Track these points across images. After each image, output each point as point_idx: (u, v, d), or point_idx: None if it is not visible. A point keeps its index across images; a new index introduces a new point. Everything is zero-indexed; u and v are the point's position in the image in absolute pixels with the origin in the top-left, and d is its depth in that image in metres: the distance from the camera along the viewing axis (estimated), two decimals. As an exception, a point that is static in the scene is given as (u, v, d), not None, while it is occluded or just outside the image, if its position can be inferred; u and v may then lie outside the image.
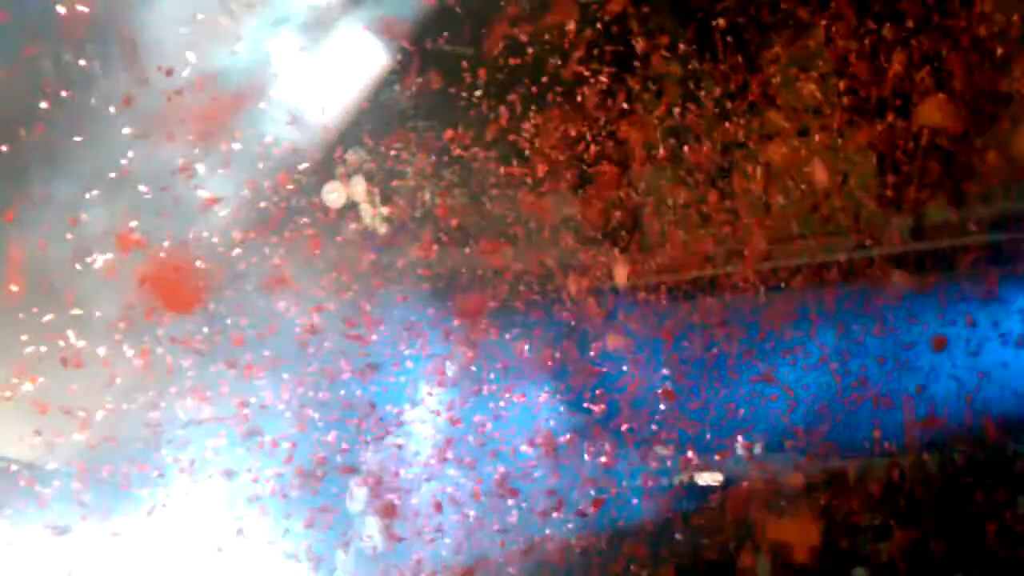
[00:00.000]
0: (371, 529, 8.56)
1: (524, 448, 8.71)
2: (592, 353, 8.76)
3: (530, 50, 8.78)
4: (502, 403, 8.80)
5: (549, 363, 8.85)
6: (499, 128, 8.93)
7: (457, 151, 9.14)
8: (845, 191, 8.67)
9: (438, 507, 8.50)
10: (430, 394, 8.80)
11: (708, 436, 8.74)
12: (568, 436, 8.79)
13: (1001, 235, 8.35)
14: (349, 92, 8.74)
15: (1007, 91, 8.19)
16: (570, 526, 8.56)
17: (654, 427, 8.77)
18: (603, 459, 8.77)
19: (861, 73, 8.31)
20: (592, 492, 8.66)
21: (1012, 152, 8.05)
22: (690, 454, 8.91)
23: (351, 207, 9.04)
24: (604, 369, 8.76)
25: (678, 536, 8.58)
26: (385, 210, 9.11)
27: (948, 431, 8.19)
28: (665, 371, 8.70)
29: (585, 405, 8.80)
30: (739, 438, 8.88)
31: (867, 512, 8.24)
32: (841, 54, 8.40)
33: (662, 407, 8.64)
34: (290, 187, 8.52)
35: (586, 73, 8.85)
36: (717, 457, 8.86)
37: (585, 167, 9.10)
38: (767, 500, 8.51)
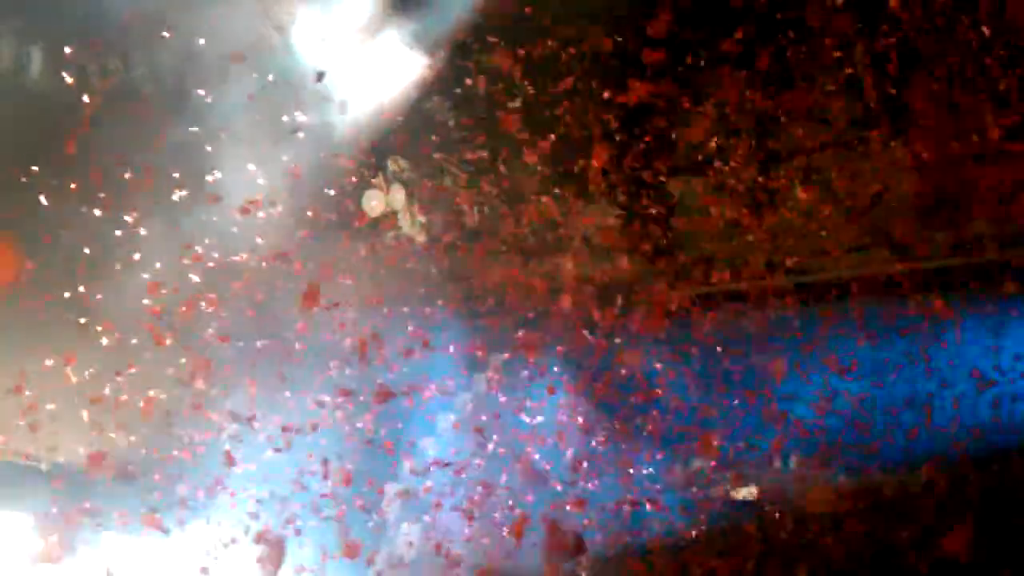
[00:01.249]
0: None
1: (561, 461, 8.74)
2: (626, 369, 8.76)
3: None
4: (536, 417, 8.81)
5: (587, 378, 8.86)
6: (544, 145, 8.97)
7: (499, 164, 9.21)
8: (884, 205, 8.63)
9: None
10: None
11: (744, 451, 8.73)
12: (602, 448, 8.79)
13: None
14: (390, 102, 8.79)
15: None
16: (601, 539, 8.54)
17: (689, 441, 8.77)
18: (636, 472, 8.77)
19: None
20: (626, 506, 8.67)
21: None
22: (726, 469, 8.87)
23: (390, 215, 9.11)
24: (639, 383, 8.74)
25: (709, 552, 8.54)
26: (423, 219, 9.17)
27: (985, 447, 8.15)
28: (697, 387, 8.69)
29: (619, 418, 8.79)
30: (775, 453, 8.84)
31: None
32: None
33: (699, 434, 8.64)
34: (331, 194, 8.58)
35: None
36: (753, 471, 8.80)
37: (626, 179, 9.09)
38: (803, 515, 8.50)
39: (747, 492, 8.86)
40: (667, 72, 8.64)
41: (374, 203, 8.97)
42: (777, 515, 8.63)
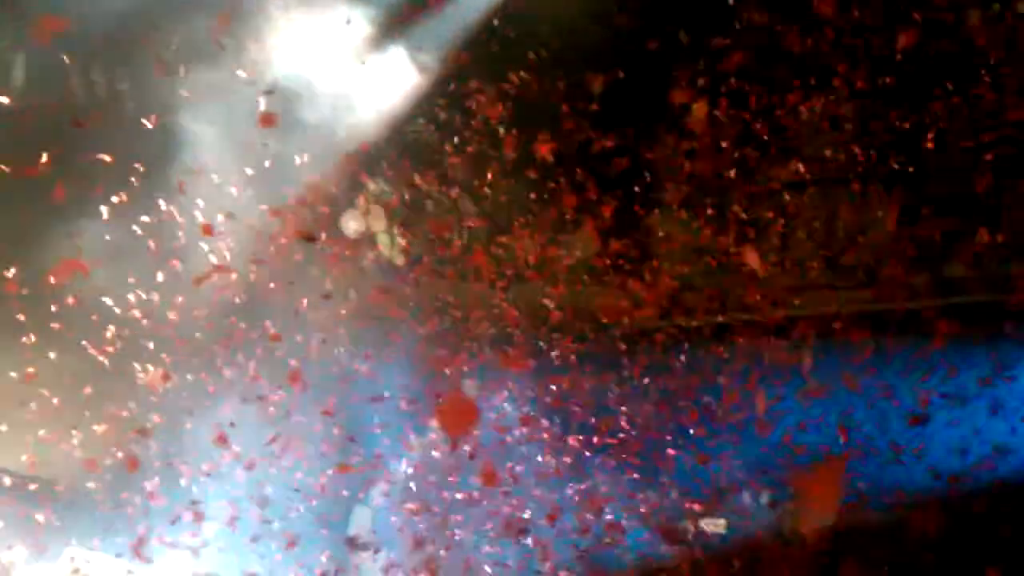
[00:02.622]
0: None
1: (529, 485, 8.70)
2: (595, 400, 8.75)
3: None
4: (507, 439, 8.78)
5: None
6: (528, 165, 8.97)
7: (481, 187, 9.21)
8: (865, 244, 8.64)
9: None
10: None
11: (714, 483, 8.71)
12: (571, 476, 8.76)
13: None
14: (374, 123, 8.80)
15: None
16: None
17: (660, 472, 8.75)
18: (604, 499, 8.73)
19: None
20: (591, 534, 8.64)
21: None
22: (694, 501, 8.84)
23: (369, 237, 9.09)
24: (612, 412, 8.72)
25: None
26: (403, 241, 9.15)
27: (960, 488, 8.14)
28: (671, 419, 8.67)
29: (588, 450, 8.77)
30: (746, 488, 8.82)
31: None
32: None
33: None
34: (309, 214, 8.57)
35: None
36: (721, 506, 8.77)
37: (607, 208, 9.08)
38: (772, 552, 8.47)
39: (715, 525, 8.83)
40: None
41: (353, 224, 8.95)
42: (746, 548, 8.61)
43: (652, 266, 9.05)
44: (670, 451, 8.62)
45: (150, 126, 7.85)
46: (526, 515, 8.61)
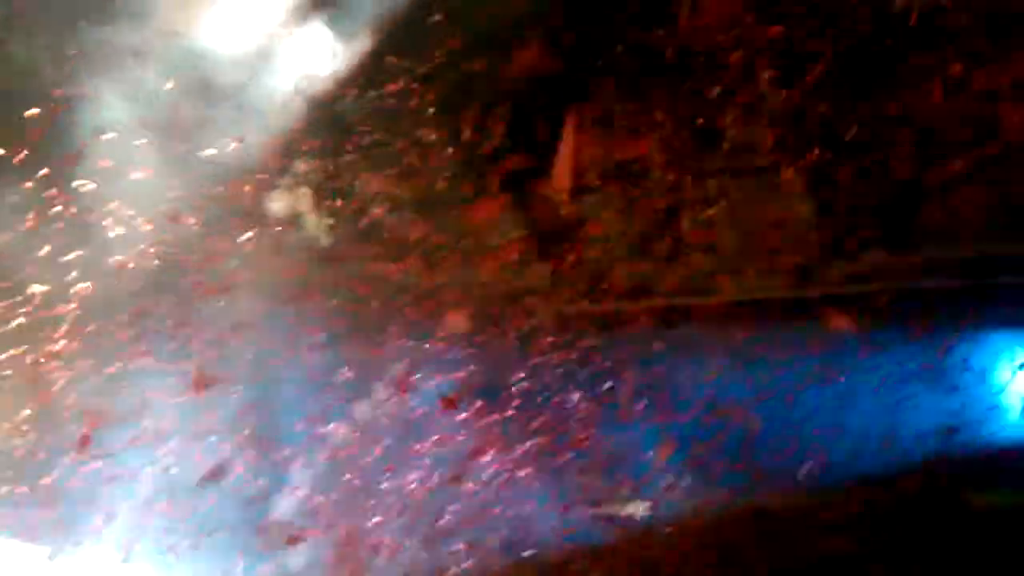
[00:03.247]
0: None
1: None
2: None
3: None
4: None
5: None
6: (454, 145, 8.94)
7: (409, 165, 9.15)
8: (786, 232, 8.77)
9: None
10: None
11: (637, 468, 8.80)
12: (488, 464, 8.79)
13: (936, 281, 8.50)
14: (301, 101, 8.67)
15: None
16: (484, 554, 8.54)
17: (581, 456, 8.82)
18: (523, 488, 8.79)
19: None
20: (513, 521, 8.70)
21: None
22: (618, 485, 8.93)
23: (296, 217, 8.98)
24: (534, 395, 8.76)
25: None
26: (330, 221, 9.05)
27: (875, 472, 8.34)
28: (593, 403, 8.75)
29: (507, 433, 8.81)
30: (665, 472, 8.93)
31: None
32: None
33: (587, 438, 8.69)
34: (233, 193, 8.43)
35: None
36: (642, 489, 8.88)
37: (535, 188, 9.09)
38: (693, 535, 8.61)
39: (636, 508, 8.93)
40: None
41: (279, 204, 8.83)
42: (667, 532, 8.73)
43: (575, 249, 9.10)
44: (590, 434, 8.69)
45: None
46: (446, 501, 8.63)
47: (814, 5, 8.46)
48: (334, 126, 8.93)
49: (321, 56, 8.69)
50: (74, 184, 7.88)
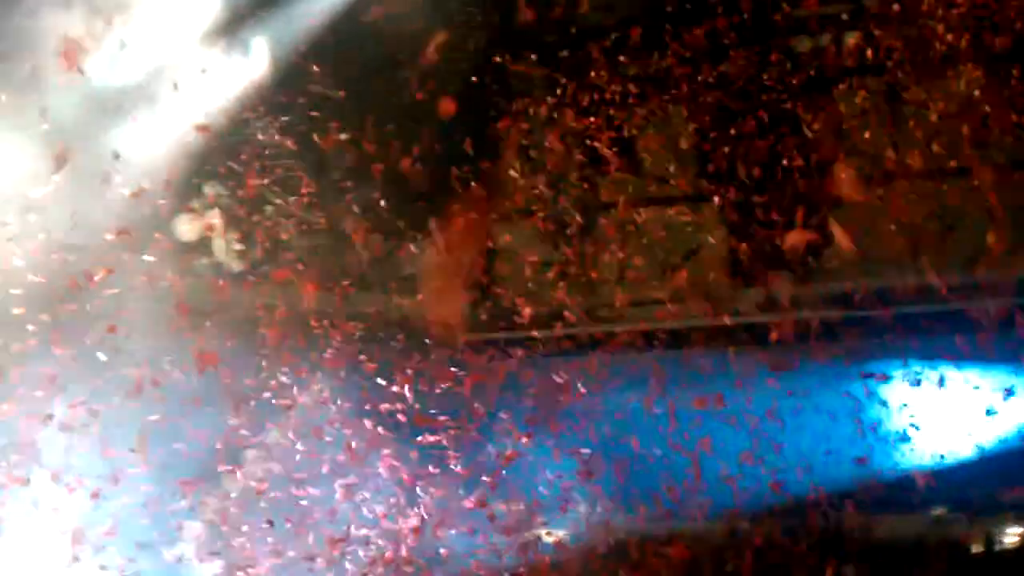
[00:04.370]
0: None
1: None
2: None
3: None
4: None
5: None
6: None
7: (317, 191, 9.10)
8: (697, 261, 8.85)
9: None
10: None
11: (554, 494, 8.78)
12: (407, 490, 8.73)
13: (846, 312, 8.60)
14: (211, 122, 8.57)
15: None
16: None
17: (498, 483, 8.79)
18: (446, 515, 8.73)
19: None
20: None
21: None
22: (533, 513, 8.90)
23: (203, 242, 8.86)
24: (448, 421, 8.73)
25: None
26: (239, 246, 8.94)
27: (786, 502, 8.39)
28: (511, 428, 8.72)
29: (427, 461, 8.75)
30: (581, 498, 8.93)
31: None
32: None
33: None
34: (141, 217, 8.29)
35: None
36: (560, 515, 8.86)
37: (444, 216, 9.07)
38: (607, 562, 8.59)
39: (552, 536, 8.91)
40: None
41: (186, 227, 8.71)
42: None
43: (492, 276, 9.10)
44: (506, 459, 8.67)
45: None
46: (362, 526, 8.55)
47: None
48: (244, 151, 8.84)
49: (233, 80, 8.61)
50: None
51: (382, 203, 9.10)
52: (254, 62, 8.68)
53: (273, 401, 8.57)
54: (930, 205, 8.35)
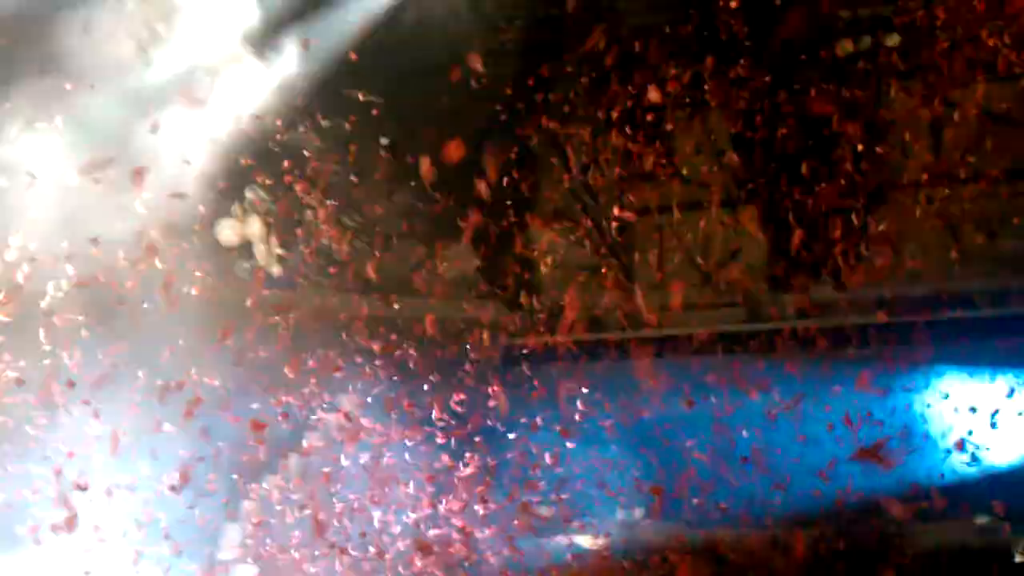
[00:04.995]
0: None
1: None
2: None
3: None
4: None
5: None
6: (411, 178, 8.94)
7: (362, 197, 9.17)
8: (737, 266, 8.82)
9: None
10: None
11: (592, 500, 8.78)
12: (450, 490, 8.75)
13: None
14: (253, 128, 8.65)
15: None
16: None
17: (538, 487, 8.79)
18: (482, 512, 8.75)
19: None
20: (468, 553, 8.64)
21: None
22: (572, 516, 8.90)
23: (245, 246, 8.94)
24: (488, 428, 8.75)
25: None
26: (280, 251, 9.01)
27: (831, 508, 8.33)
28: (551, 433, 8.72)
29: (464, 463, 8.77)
30: (621, 504, 8.93)
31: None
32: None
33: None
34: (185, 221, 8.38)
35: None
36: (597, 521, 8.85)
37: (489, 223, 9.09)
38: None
39: (590, 541, 8.90)
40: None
41: (228, 232, 8.79)
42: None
43: (528, 282, 9.12)
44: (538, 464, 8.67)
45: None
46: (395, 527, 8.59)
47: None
48: (287, 156, 8.92)
49: (273, 85, 8.68)
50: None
51: (421, 207, 9.11)
52: (295, 67, 8.69)
53: (312, 404, 8.64)
54: (973, 210, 8.28)
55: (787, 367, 8.46)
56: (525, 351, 9.10)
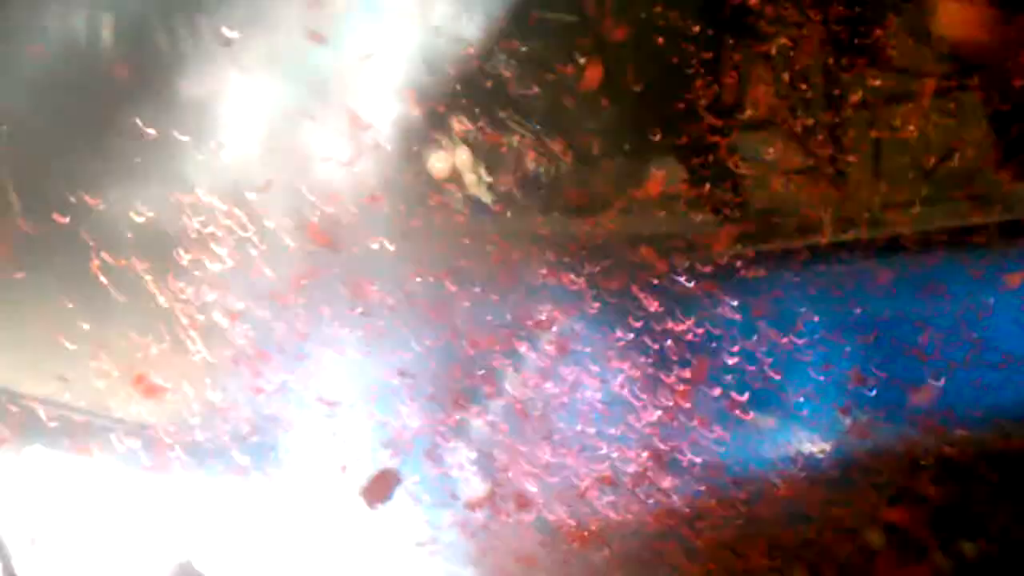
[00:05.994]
0: None
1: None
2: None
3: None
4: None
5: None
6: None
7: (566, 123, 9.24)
8: (959, 156, 8.37)
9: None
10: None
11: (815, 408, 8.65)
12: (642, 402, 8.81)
13: None
14: (452, 59, 8.83)
15: None
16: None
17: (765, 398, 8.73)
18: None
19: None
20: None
21: None
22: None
23: (455, 177, 9.18)
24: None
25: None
26: (490, 179, 9.22)
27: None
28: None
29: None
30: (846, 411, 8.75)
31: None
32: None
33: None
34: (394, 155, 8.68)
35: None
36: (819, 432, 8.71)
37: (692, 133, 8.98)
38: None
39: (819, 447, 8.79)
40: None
41: (440, 164, 9.05)
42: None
43: (738, 190, 8.94)
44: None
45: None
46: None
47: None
48: (486, 83, 9.07)
49: (472, 11, 8.80)
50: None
51: (622, 125, 9.09)
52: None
53: (528, 323, 8.84)
54: None
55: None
56: (740, 262, 8.95)
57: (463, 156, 9.19)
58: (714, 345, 8.74)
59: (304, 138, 8.28)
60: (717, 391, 8.85)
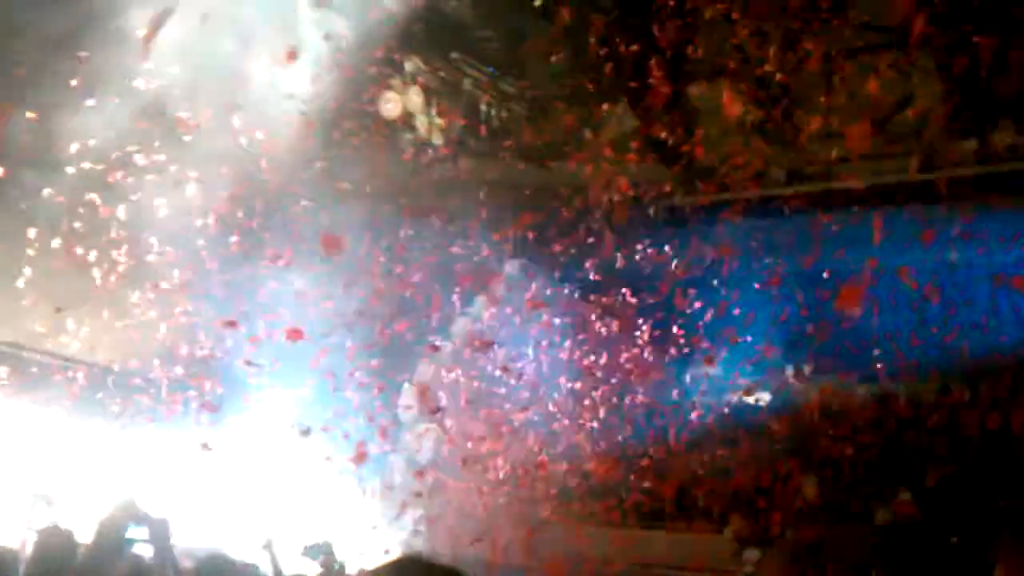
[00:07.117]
0: None
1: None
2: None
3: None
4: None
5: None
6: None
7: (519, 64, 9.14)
8: (911, 113, 8.42)
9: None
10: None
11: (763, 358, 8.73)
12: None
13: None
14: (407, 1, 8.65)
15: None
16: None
17: (707, 346, 8.81)
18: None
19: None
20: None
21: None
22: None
23: (407, 118, 9.05)
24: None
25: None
26: (441, 121, 9.11)
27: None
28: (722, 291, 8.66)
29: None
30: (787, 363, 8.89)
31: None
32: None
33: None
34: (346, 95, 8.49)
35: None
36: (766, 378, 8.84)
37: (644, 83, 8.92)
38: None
39: (759, 398, 8.93)
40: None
41: (391, 105, 8.91)
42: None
43: (693, 138, 8.93)
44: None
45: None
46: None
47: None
48: (440, 24, 8.92)
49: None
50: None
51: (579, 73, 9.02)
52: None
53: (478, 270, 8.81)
54: None
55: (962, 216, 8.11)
56: (691, 208, 8.98)
57: (415, 98, 9.06)
58: (658, 295, 8.81)
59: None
60: (662, 341, 8.96)
